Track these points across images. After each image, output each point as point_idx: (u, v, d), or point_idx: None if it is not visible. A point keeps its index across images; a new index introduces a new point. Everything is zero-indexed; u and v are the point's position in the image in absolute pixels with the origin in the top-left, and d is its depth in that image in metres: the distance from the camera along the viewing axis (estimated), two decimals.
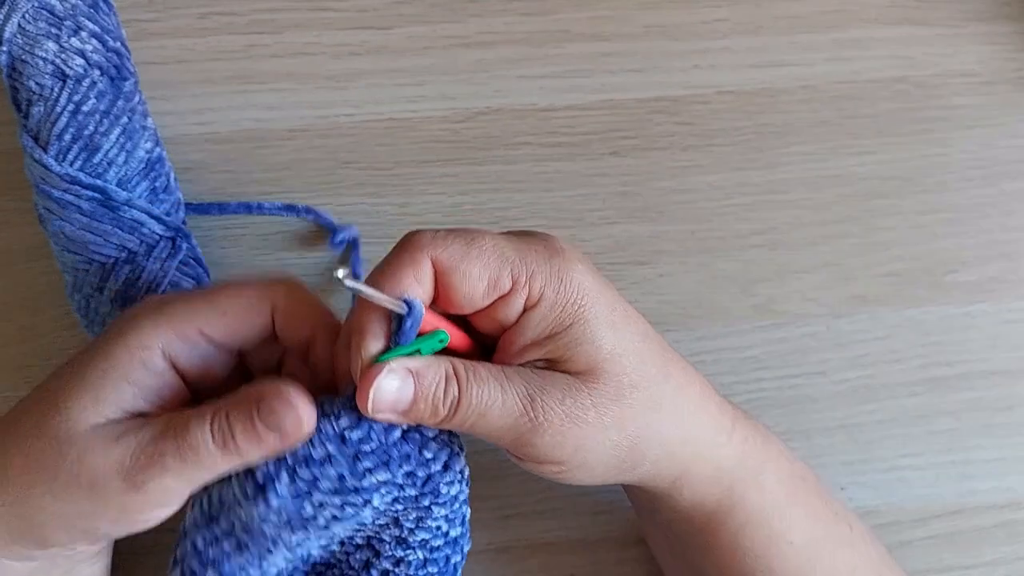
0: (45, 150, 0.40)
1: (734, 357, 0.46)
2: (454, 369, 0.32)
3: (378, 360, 0.31)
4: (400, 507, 0.34)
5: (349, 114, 0.48)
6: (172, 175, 0.43)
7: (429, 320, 0.32)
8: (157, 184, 0.42)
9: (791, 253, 0.48)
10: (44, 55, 0.40)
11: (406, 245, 0.32)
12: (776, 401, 0.46)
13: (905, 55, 0.50)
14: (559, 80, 0.49)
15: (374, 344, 0.31)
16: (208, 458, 0.31)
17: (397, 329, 0.31)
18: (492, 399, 0.32)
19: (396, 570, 0.35)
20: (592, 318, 0.33)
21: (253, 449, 0.32)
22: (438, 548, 0.35)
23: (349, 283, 0.28)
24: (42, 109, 0.40)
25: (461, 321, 0.35)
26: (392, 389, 0.31)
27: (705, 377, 0.37)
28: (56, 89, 0.40)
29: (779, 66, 0.50)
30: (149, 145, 0.42)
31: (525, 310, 0.33)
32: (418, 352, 0.32)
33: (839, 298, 0.47)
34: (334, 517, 0.32)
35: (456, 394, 0.32)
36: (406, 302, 0.31)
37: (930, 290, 0.48)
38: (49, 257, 0.44)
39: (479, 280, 0.32)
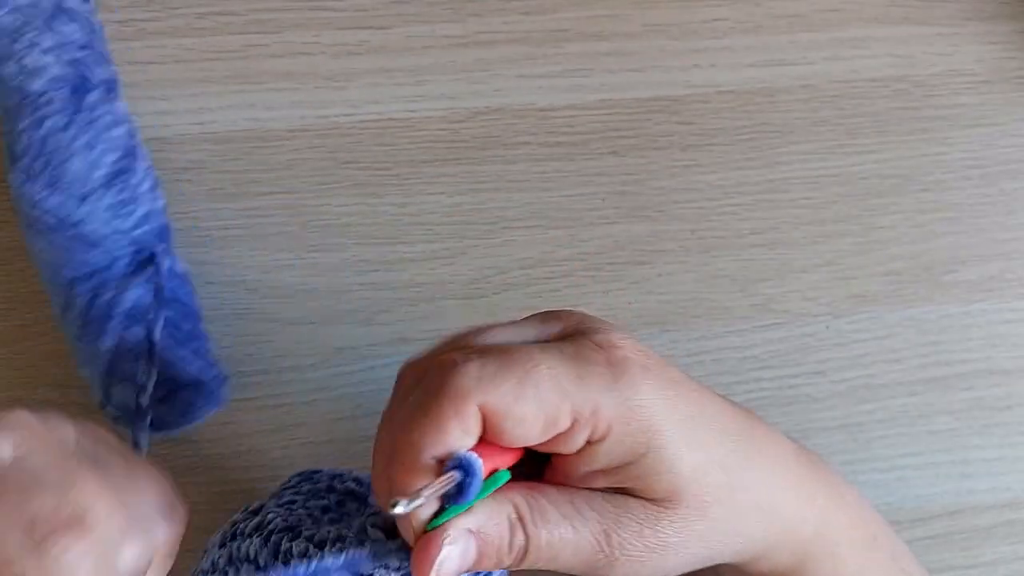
0: (12, 168, 0.40)
1: (734, 357, 0.46)
2: (518, 515, 0.29)
3: (434, 524, 0.28)
4: None
5: (348, 114, 0.48)
6: (148, 184, 0.42)
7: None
8: (124, 196, 0.41)
9: (791, 252, 0.48)
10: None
11: (447, 392, 0.28)
12: (776, 401, 0.46)
13: (905, 54, 0.50)
14: (558, 79, 0.49)
15: (426, 510, 0.28)
16: None
17: (456, 492, 0.28)
18: (564, 541, 0.29)
19: None
20: (668, 444, 0.29)
21: None
22: None
23: (411, 507, 0.26)
24: (5, 128, 0.40)
25: None
26: (455, 559, 0.28)
27: (759, 416, 0.35)
28: (14, 108, 0.40)
29: (779, 65, 0.50)
30: (113, 157, 0.41)
31: (589, 443, 0.29)
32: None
33: (839, 297, 0.47)
34: None
35: (523, 542, 0.29)
36: (462, 465, 0.27)
37: (930, 289, 0.48)
38: None
39: (535, 422, 0.28)
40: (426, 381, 0.29)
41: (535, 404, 0.28)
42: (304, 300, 0.45)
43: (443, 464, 0.28)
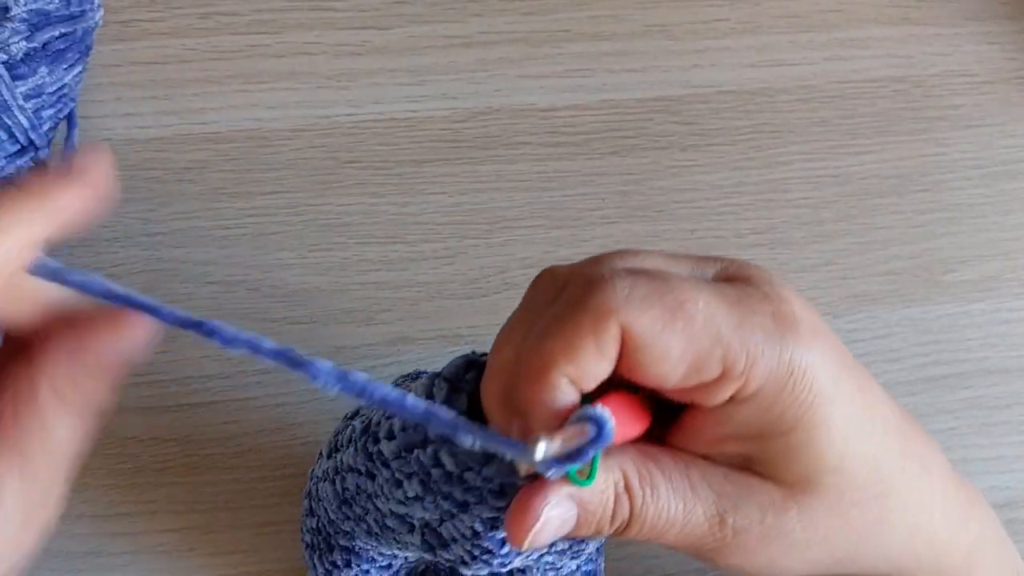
0: None
1: None
2: (626, 484, 0.26)
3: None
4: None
5: (349, 114, 0.48)
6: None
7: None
8: None
9: (790, 252, 0.48)
10: None
11: (589, 304, 0.24)
12: None
13: (904, 55, 0.51)
14: (559, 80, 0.49)
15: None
16: None
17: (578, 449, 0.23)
18: (672, 519, 0.26)
19: None
20: (822, 423, 0.25)
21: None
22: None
23: (550, 454, 0.22)
24: None
25: None
26: (552, 527, 0.25)
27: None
28: None
29: (778, 65, 0.50)
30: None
31: (732, 399, 0.25)
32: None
33: (838, 297, 0.47)
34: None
35: (627, 515, 0.26)
36: (595, 421, 0.23)
37: (929, 289, 0.48)
38: None
39: (679, 362, 0.24)
40: (567, 292, 0.26)
41: (684, 340, 0.24)
42: (304, 300, 0.45)
43: (564, 420, 0.24)
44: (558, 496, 0.25)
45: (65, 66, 0.43)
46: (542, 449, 0.22)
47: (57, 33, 0.42)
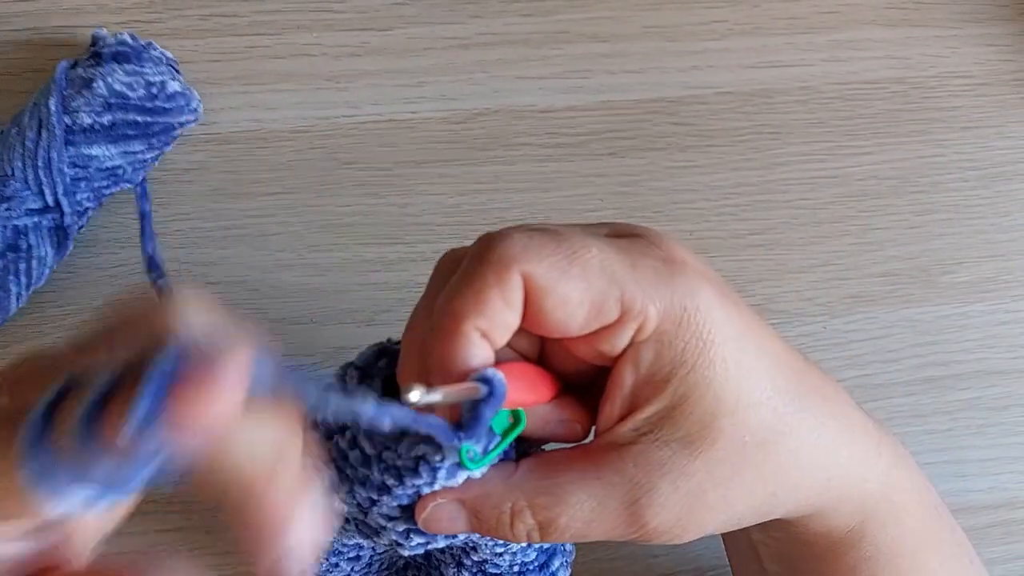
0: None
1: None
2: (528, 504, 0.27)
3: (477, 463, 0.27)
4: None
5: (349, 115, 0.48)
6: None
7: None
8: None
9: (788, 253, 0.48)
10: None
11: (490, 257, 0.26)
12: None
13: (902, 56, 0.51)
14: (558, 81, 0.49)
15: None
16: None
17: (472, 411, 0.25)
18: (587, 520, 0.27)
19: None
20: (717, 360, 0.27)
21: None
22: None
23: (425, 399, 0.23)
24: None
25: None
26: (442, 519, 0.27)
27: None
28: None
29: (777, 67, 0.50)
30: None
31: (633, 343, 0.27)
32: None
33: (835, 298, 0.47)
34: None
35: (533, 525, 0.27)
36: (487, 380, 0.25)
37: (926, 290, 0.48)
38: None
39: (579, 306, 0.26)
40: (469, 253, 0.27)
41: (582, 284, 0.26)
42: (304, 300, 0.46)
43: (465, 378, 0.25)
44: (447, 497, 0.27)
45: (126, 150, 0.43)
46: (416, 395, 0.23)
47: (129, 119, 0.43)
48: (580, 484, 0.27)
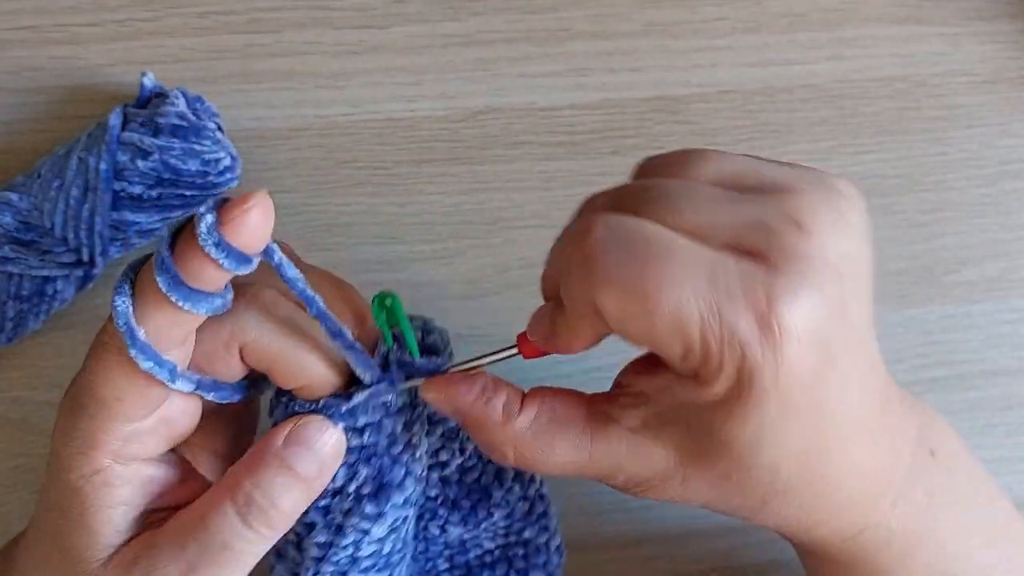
0: None
1: None
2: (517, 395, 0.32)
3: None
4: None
5: (347, 113, 0.48)
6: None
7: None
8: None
9: None
10: None
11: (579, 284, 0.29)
12: None
13: (906, 54, 0.50)
14: (559, 79, 0.49)
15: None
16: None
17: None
18: (563, 467, 0.30)
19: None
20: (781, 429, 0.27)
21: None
22: None
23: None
24: None
25: None
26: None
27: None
28: None
29: (779, 65, 0.50)
30: None
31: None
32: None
33: None
34: None
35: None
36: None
37: (930, 289, 0.48)
38: None
39: (670, 343, 0.27)
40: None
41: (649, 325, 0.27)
42: None
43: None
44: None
45: (167, 216, 0.43)
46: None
47: (179, 192, 0.42)
48: (571, 443, 0.30)
